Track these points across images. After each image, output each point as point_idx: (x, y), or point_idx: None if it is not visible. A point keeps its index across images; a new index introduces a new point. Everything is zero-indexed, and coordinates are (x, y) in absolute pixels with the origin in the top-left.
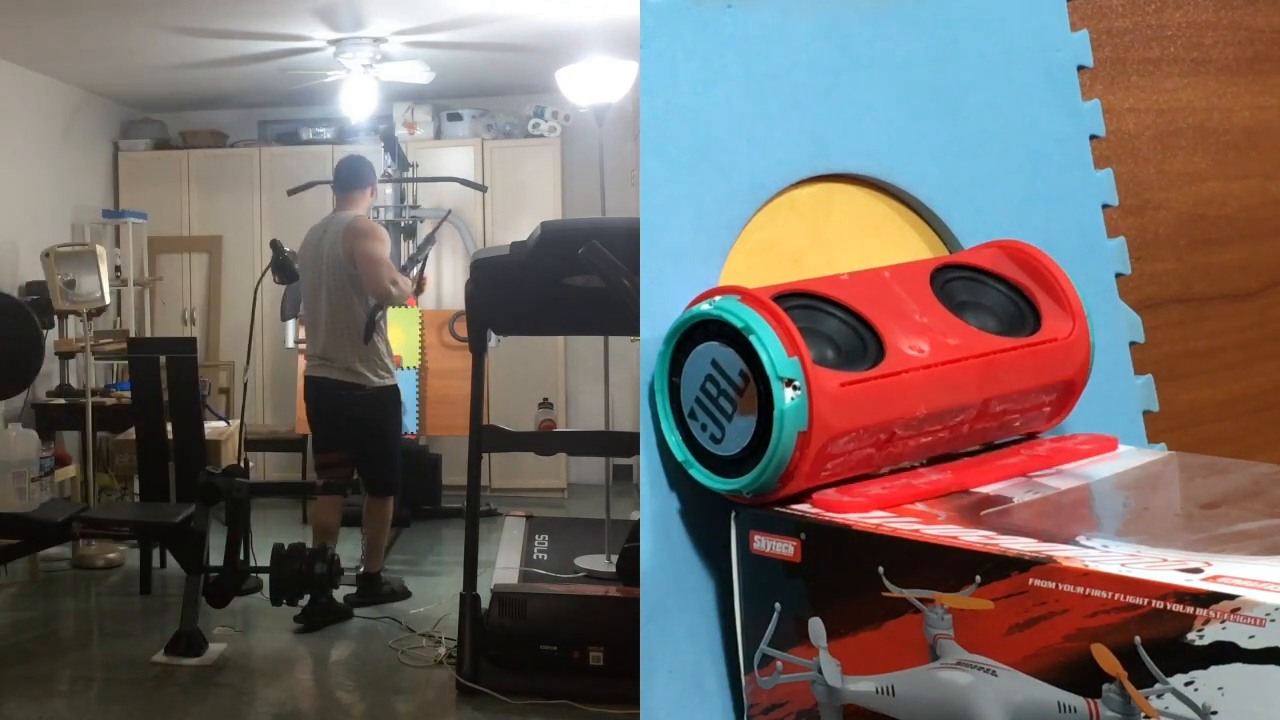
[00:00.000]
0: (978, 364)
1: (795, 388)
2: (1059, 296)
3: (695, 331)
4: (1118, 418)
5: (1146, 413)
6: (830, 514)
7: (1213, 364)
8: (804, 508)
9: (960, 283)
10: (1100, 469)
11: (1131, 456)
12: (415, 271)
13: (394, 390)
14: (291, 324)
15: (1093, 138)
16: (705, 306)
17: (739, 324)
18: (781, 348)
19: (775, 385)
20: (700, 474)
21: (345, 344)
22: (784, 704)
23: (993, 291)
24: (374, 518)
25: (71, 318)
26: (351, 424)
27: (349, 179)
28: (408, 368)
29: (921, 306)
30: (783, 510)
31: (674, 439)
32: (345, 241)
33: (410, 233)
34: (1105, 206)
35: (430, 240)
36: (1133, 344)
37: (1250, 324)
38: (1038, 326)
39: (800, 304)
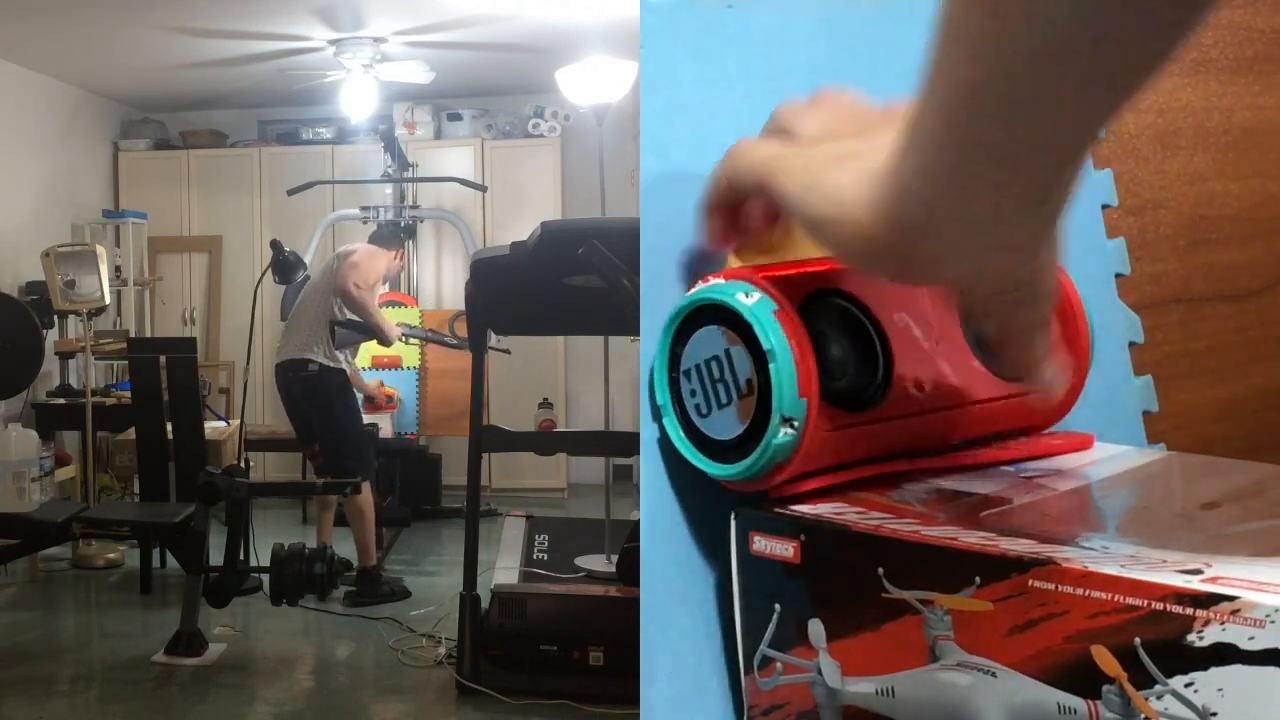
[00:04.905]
0: (975, 409)
1: (793, 427)
2: (1071, 332)
3: (715, 310)
4: (1118, 418)
5: (1146, 413)
6: (830, 515)
7: (1213, 364)
8: (803, 509)
9: None
10: (1100, 469)
11: (1131, 456)
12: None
13: (339, 373)
14: None
15: None
16: (742, 299)
17: (764, 345)
18: (796, 386)
19: (775, 419)
20: (670, 424)
21: (304, 327)
22: (784, 705)
23: None
24: (351, 511)
25: (71, 318)
26: (310, 408)
27: (381, 237)
28: (408, 368)
29: (940, 323)
30: (782, 511)
31: (662, 389)
32: (343, 256)
33: (410, 232)
34: (1105, 206)
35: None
36: (1133, 344)
37: (1250, 324)
38: None
39: (829, 305)
